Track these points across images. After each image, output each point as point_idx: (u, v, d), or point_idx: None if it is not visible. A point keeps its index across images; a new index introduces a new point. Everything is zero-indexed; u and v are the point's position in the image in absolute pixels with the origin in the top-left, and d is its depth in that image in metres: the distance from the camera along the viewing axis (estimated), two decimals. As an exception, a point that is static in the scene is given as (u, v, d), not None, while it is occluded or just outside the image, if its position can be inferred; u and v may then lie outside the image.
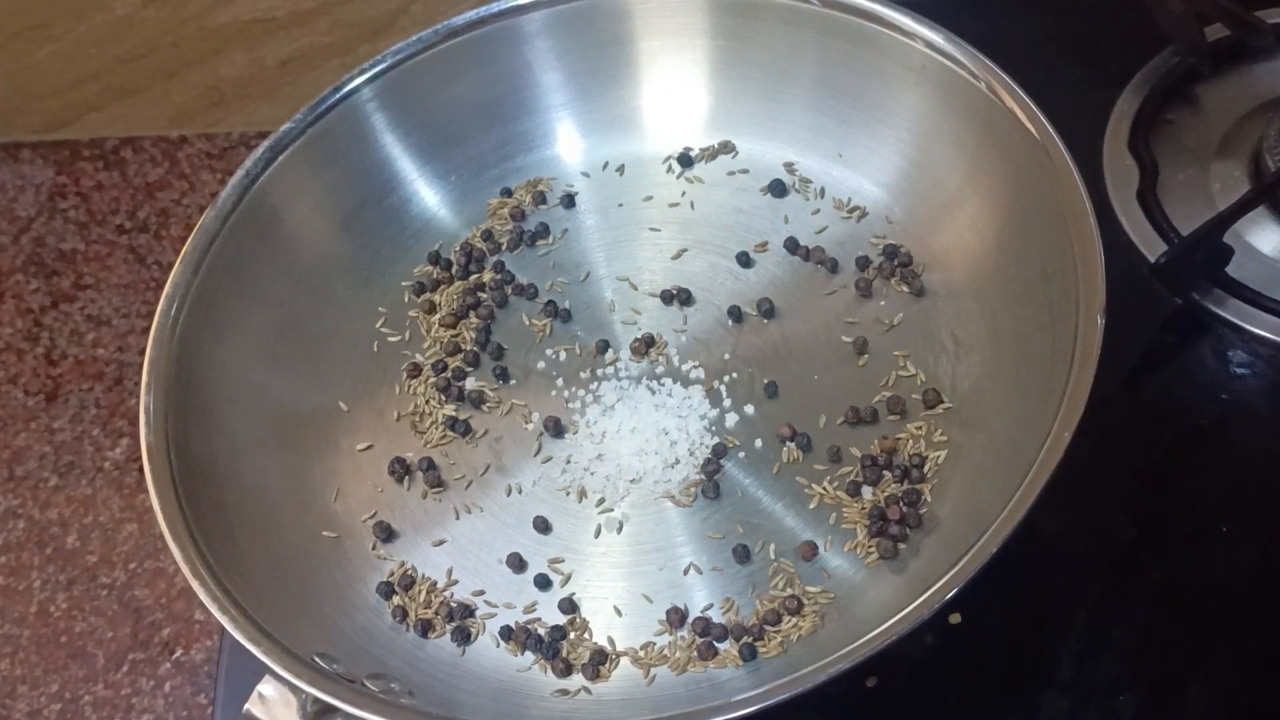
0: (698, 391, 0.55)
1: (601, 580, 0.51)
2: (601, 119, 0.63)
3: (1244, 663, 0.49)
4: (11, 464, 1.08)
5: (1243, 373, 0.56)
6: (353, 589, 0.52)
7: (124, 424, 1.09)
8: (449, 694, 0.48)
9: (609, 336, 0.57)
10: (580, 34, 0.61)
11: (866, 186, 0.59)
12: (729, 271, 0.58)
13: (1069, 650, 0.50)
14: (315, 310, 0.59)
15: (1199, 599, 0.51)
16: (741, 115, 0.61)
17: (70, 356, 1.12)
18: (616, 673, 0.48)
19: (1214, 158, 0.62)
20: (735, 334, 0.56)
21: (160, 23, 1.04)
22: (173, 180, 1.18)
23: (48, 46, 1.08)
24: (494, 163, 0.63)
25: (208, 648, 0.98)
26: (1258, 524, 0.52)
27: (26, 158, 1.22)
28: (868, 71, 0.57)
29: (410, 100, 0.60)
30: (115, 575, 1.01)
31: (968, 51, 0.53)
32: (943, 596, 0.40)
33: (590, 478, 0.53)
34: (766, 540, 0.50)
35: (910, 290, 0.55)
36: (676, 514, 0.52)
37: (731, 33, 0.60)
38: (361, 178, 0.61)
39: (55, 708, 0.96)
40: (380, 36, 1.03)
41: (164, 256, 1.16)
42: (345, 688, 0.43)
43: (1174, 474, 0.55)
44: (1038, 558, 0.51)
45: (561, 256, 0.61)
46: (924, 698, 0.50)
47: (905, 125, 0.57)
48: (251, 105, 1.13)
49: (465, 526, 0.53)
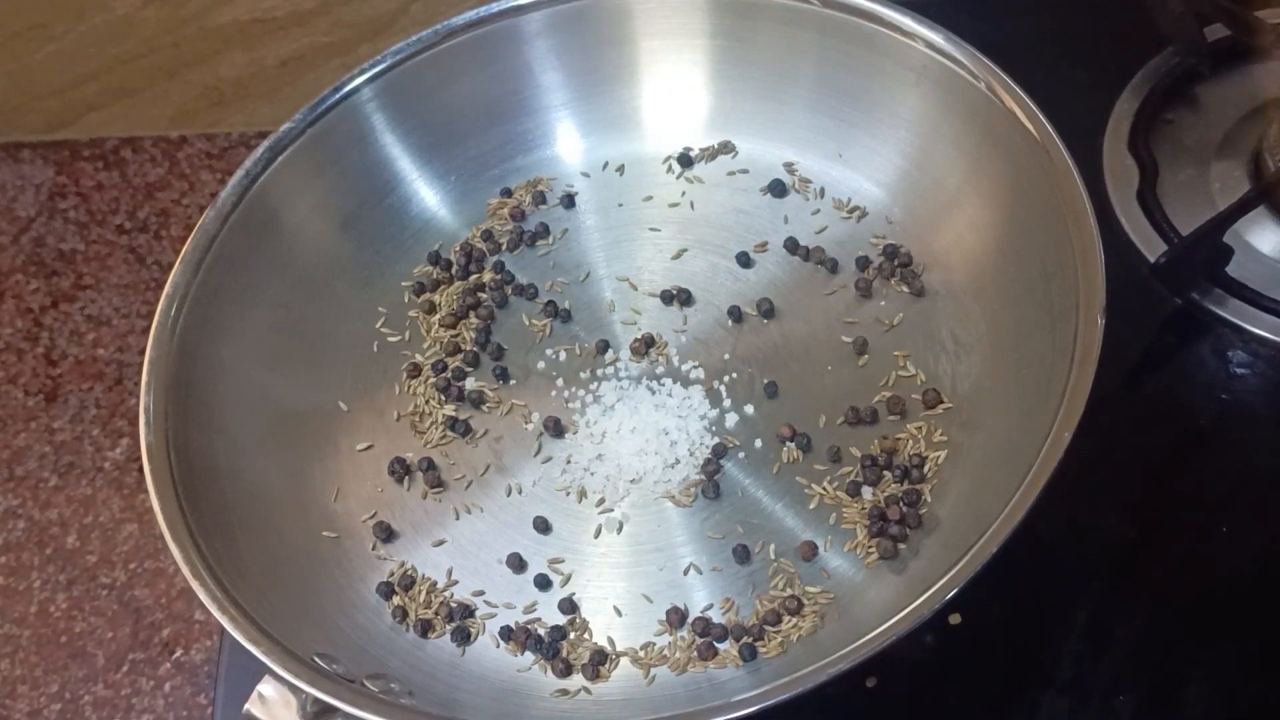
0: (698, 391, 0.55)
1: (601, 580, 0.51)
2: (601, 119, 0.63)
3: (1244, 663, 0.49)
4: (11, 464, 1.08)
5: (1243, 373, 0.56)
6: (353, 589, 0.52)
7: (124, 424, 1.09)
8: (449, 694, 0.48)
9: (609, 336, 0.57)
10: (580, 34, 0.61)
11: (866, 186, 0.59)
12: (729, 271, 0.58)
13: (1069, 650, 0.50)
14: (315, 310, 0.59)
15: (1199, 599, 0.51)
16: (741, 115, 0.61)
17: (70, 356, 1.12)
18: (616, 673, 0.48)
19: (1214, 158, 0.62)
20: (735, 334, 0.56)
21: (160, 23, 1.04)
22: (173, 180, 1.18)
23: (48, 46, 1.08)
24: (494, 163, 0.63)
25: (208, 648, 0.97)
26: (1258, 524, 0.52)
27: (26, 158, 1.21)
28: (868, 72, 0.57)
29: (410, 100, 0.60)
30: (115, 575, 1.01)
31: (968, 51, 0.53)
32: (943, 596, 0.40)
33: (590, 478, 0.53)
34: (766, 540, 0.50)
35: (910, 290, 0.55)
36: (676, 514, 0.52)
37: (731, 33, 0.60)
38: (361, 178, 0.61)
39: (55, 708, 0.96)
40: (380, 36, 1.03)
41: (164, 256, 1.15)
42: (345, 688, 0.43)
43: (1174, 474, 0.55)
44: (1038, 558, 0.51)
45: (561, 256, 0.61)
46: (924, 698, 0.50)
47: (905, 125, 0.57)
48: (251, 105, 1.13)
49: (465, 526, 0.53)
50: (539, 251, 0.61)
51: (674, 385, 0.55)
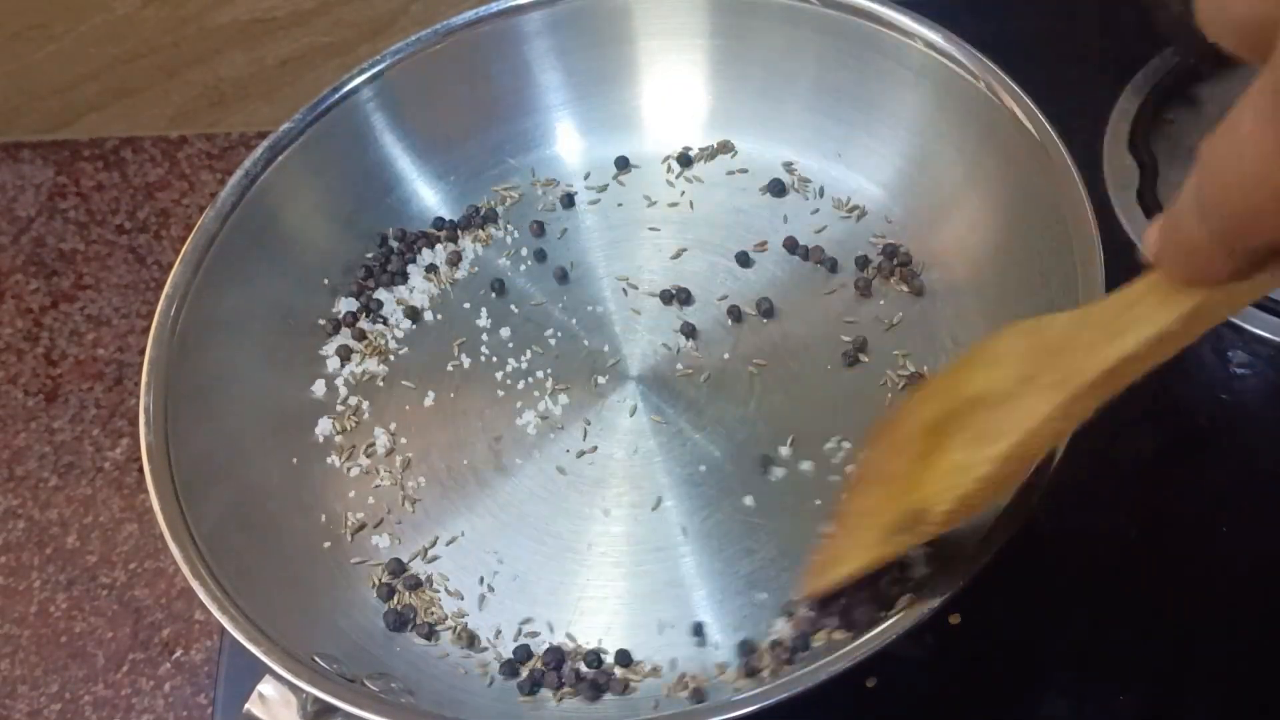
0: (697, 391, 0.55)
1: (601, 580, 0.51)
2: (601, 119, 0.63)
3: (1244, 663, 0.49)
4: (11, 464, 1.08)
5: (1243, 373, 0.56)
6: (353, 589, 0.52)
7: (124, 424, 1.09)
8: (449, 694, 0.48)
9: (608, 336, 0.57)
10: (579, 34, 0.61)
11: (866, 186, 0.59)
12: (728, 271, 0.58)
13: (1069, 650, 0.50)
14: (315, 310, 0.59)
15: (1199, 599, 0.51)
16: (741, 115, 0.61)
17: (70, 356, 1.12)
18: (616, 672, 0.48)
19: (1214, 158, 0.62)
20: (735, 334, 0.56)
21: (160, 23, 1.04)
22: (173, 180, 1.18)
23: (48, 46, 1.08)
24: (493, 162, 0.63)
25: (208, 648, 0.98)
26: (1258, 524, 0.52)
27: (26, 158, 1.22)
28: (867, 71, 0.57)
29: (410, 100, 0.60)
30: (115, 575, 1.01)
31: (968, 51, 0.53)
32: (943, 596, 0.40)
33: (590, 477, 0.53)
34: (767, 540, 0.50)
35: (910, 290, 0.55)
36: (677, 514, 0.52)
37: (731, 32, 0.60)
38: (361, 178, 0.61)
39: (55, 708, 0.96)
40: (380, 36, 1.03)
41: (164, 256, 1.16)
42: (345, 687, 0.43)
43: (1174, 474, 0.55)
44: (1038, 558, 0.51)
45: (561, 256, 0.61)
46: (924, 698, 0.50)
47: (905, 125, 0.57)
48: (251, 105, 1.13)
49: (465, 526, 0.53)
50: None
51: (673, 385, 0.55)
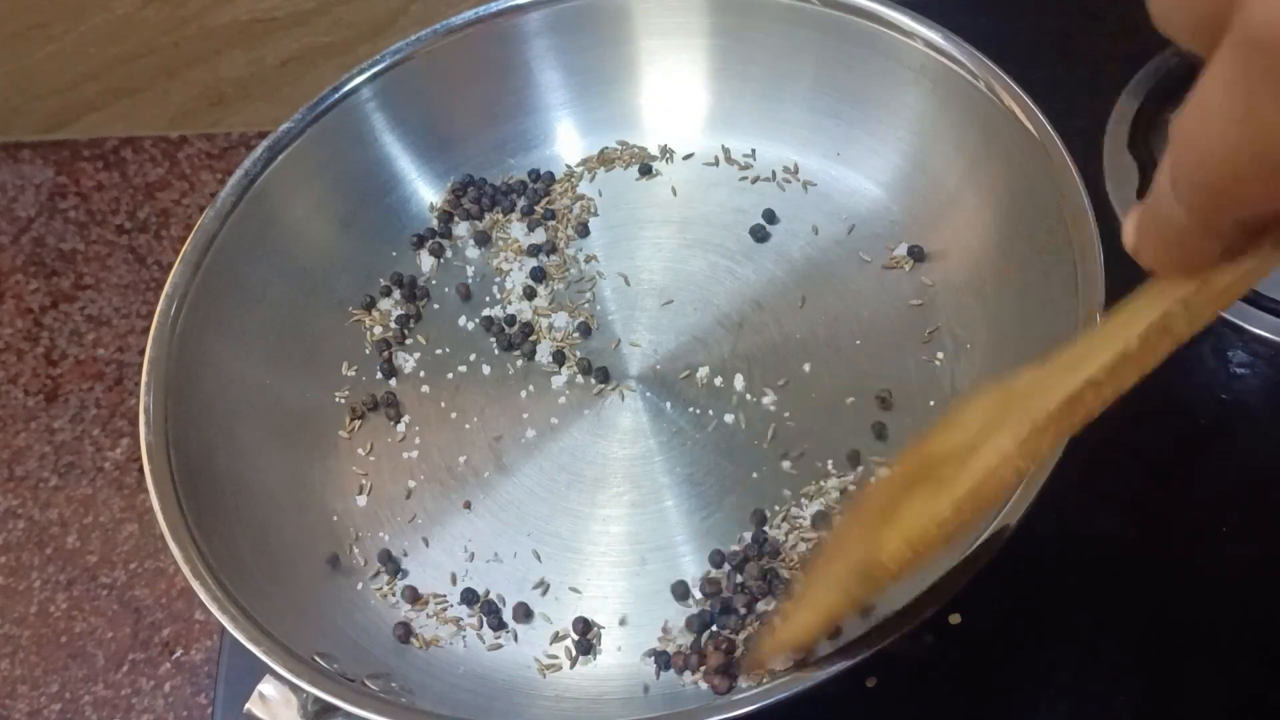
0: (697, 391, 0.55)
1: (601, 580, 0.51)
2: (601, 118, 0.63)
3: (1244, 662, 0.49)
4: (11, 464, 1.08)
5: (1243, 373, 0.56)
6: (353, 589, 0.52)
7: (124, 424, 1.09)
8: (449, 694, 0.48)
9: (608, 336, 0.57)
10: (579, 33, 0.61)
11: (866, 185, 0.59)
12: (728, 271, 0.58)
13: (1069, 650, 0.50)
14: (315, 310, 0.59)
15: (1199, 599, 0.51)
16: (741, 115, 0.61)
17: (70, 356, 1.12)
18: (616, 672, 0.48)
19: (1214, 158, 0.62)
20: (735, 333, 0.56)
21: (160, 23, 1.04)
22: (173, 180, 1.18)
23: (48, 46, 1.08)
24: (493, 162, 0.63)
25: (208, 648, 0.97)
26: (1258, 524, 0.52)
27: (26, 158, 1.21)
28: (867, 71, 0.57)
29: (410, 100, 0.60)
30: (115, 575, 1.01)
31: (967, 51, 0.53)
32: (943, 596, 0.40)
33: (590, 477, 0.53)
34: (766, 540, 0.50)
35: (909, 289, 0.55)
36: (677, 514, 0.52)
37: (731, 32, 0.60)
38: (361, 177, 0.61)
39: (55, 708, 0.96)
40: (380, 36, 1.03)
41: (164, 256, 1.15)
42: (345, 687, 0.43)
43: (1174, 474, 0.55)
44: (1038, 558, 0.51)
45: (559, 255, 0.61)
46: (924, 698, 0.50)
47: (905, 125, 0.57)
48: (251, 105, 1.13)
49: (465, 526, 0.53)
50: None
51: (673, 384, 0.55)
